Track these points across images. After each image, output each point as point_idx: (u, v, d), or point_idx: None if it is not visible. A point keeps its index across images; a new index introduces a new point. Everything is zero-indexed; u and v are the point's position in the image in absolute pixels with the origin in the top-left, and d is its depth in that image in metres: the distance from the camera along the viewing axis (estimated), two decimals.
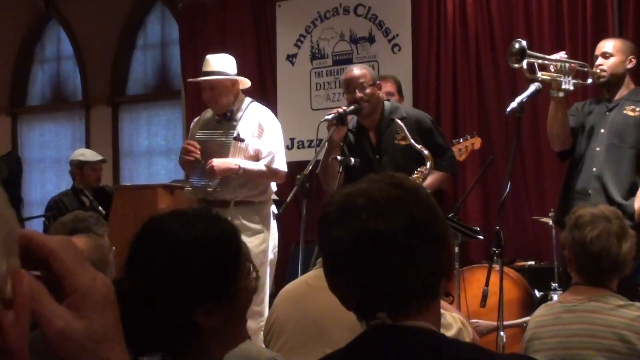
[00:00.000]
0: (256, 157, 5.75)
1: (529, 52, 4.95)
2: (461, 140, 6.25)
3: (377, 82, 5.47)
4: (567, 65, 5.07)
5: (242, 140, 5.74)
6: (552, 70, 5.07)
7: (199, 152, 5.68)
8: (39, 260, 0.89)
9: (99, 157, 7.73)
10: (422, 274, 1.66)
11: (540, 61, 5.06)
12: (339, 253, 1.67)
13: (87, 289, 0.89)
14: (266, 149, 5.78)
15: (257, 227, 5.73)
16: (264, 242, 5.72)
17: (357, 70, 5.40)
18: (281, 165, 5.83)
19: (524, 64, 4.93)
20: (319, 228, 1.72)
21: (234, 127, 5.76)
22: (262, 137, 5.79)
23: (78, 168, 7.62)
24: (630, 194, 5.07)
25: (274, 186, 5.90)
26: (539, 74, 5.01)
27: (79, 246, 2.98)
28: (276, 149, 5.83)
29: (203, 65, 5.88)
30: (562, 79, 5.04)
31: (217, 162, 5.63)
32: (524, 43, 4.96)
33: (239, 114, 5.81)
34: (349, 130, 5.44)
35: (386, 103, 5.48)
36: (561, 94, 5.06)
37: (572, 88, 5.11)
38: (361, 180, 1.73)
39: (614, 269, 3.17)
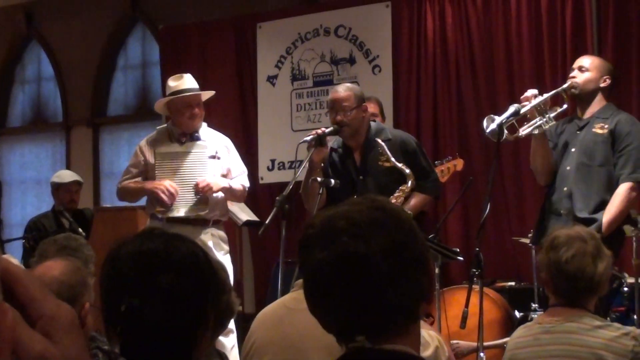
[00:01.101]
0: (225, 175, 5.86)
1: (503, 123, 4.93)
2: (443, 162, 6.26)
3: (363, 103, 5.38)
4: (542, 106, 5.10)
5: (219, 158, 5.80)
6: (529, 117, 5.11)
7: (175, 199, 5.71)
8: (2, 287, 0.88)
9: (73, 178, 7.68)
10: (402, 297, 1.65)
11: (518, 117, 5.08)
12: (320, 275, 1.67)
13: (53, 314, 0.90)
14: (238, 168, 5.94)
15: (226, 246, 5.87)
16: (230, 260, 5.79)
17: (342, 92, 5.31)
18: (248, 183, 6.00)
19: (505, 132, 4.95)
20: (300, 250, 1.72)
21: (204, 147, 5.80)
22: (230, 156, 5.90)
23: (55, 190, 7.60)
24: (599, 210, 5.06)
25: None
26: (521, 132, 5.09)
27: (58, 269, 2.92)
28: (244, 168, 5.99)
29: (180, 84, 5.87)
30: (542, 120, 5.08)
31: (212, 181, 5.67)
32: (497, 120, 4.92)
33: (203, 134, 5.87)
34: (333, 149, 5.43)
35: (372, 124, 5.43)
36: (540, 130, 5.11)
37: (553, 122, 5.14)
38: (343, 202, 1.73)
39: (589, 289, 3.17)
